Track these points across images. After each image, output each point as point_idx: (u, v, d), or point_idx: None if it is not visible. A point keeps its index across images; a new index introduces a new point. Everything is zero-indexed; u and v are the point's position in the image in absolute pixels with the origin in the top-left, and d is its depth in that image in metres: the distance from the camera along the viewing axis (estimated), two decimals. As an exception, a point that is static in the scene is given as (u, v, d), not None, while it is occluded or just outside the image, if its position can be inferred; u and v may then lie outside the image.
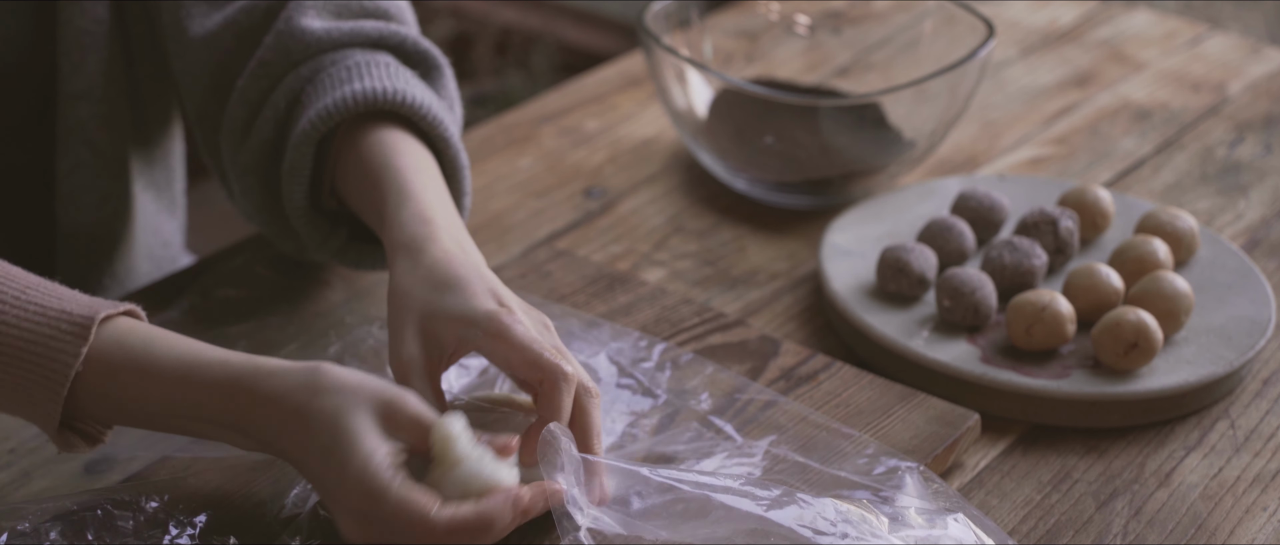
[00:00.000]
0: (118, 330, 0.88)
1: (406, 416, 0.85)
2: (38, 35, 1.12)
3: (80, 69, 1.12)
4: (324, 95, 1.03)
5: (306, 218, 1.06)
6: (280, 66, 1.06)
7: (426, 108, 1.03)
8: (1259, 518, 0.98)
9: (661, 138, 1.38)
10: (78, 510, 0.90)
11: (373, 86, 1.02)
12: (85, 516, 0.89)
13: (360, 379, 0.86)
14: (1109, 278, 1.10)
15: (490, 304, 0.91)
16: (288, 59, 1.06)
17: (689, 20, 1.35)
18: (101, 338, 0.87)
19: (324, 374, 0.86)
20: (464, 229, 0.98)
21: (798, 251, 1.23)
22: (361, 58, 1.05)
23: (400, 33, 1.08)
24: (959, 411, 1.02)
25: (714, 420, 1.00)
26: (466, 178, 1.06)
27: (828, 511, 0.88)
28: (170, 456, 0.96)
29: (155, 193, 1.26)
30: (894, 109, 1.25)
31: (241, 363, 0.87)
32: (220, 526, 0.90)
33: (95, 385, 0.87)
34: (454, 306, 0.91)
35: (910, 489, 0.93)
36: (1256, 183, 1.33)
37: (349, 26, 1.07)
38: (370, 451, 0.83)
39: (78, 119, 1.13)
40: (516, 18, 3.04)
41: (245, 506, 0.92)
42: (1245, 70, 1.50)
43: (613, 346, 1.05)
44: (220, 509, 0.91)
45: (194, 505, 0.91)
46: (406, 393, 0.86)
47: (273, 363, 0.87)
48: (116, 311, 0.88)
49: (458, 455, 0.85)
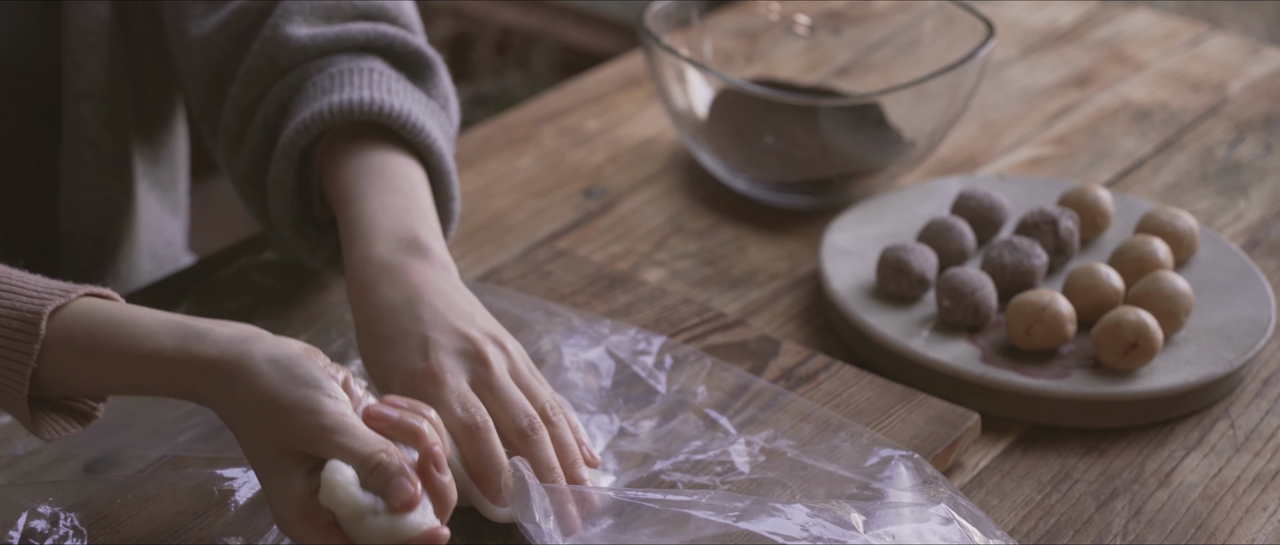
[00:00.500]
0: (65, 321, 0.86)
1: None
2: (43, 34, 1.12)
3: (83, 68, 1.12)
4: (305, 107, 1.03)
5: (295, 228, 1.06)
6: (267, 74, 1.06)
7: (406, 116, 1.03)
8: (1259, 518, 0.98)
9: (661, 138, 1.38)
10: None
11: (351, 97, 1.02)
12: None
13: (277, 391, 0.84)
14: (1109, 278, 1.10)
15: (415, 362, 0.92)
16: (274, 67, 1.06)
17: (689, 20, 1.35)
18: (54, 328, 0.85)
19: (251, 362, 0.84)
20: (422, 252, 0.97)
21: (798, 251, 1.23)
22: (347, 65, 1.05)
23: (388, 34, 1.08)
24: (959, 411, 1.02)
25: (711, 414, 1.00)
26: (453, 184, 1.06)
27: (798, 517, 0.88)
28: (173, 456, 0.96)
29: (159, 193, 1.26)
30: (894, 109, 1.25)
31: (174, 335, 0.86)
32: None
33: (56, 376, 0.86)
34: (387, 363, 0.93)
35: (901, 480, 0.93)
36: (1256, 183, 1.33)
37: (335, 31, 1.06)
38: (286, 491, 0.84)
39: (80, 118, 1.13)
40: (516, 18, 3.04)
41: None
42: (1245, 70, 1.50)
43: (612, 340, 1.05)
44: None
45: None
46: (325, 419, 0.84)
47: (206, 328, 0.86)
48: (67, 299, 0.86)
49: (350, 506, 0.83)
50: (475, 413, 0.90)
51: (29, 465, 0.97)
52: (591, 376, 1.03)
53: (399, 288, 0.95)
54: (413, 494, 0.83)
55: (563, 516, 0.89)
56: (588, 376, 1.03)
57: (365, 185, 1.00)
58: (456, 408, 0.90)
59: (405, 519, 0.83)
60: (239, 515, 0.92)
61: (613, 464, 0.96)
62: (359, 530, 0.83)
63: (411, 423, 0.85)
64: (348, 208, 1.00)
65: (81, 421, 0.90)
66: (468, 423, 0.90)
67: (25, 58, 1.12)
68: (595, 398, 1.01)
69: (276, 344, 0.85)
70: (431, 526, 0.83)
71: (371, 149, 1.02)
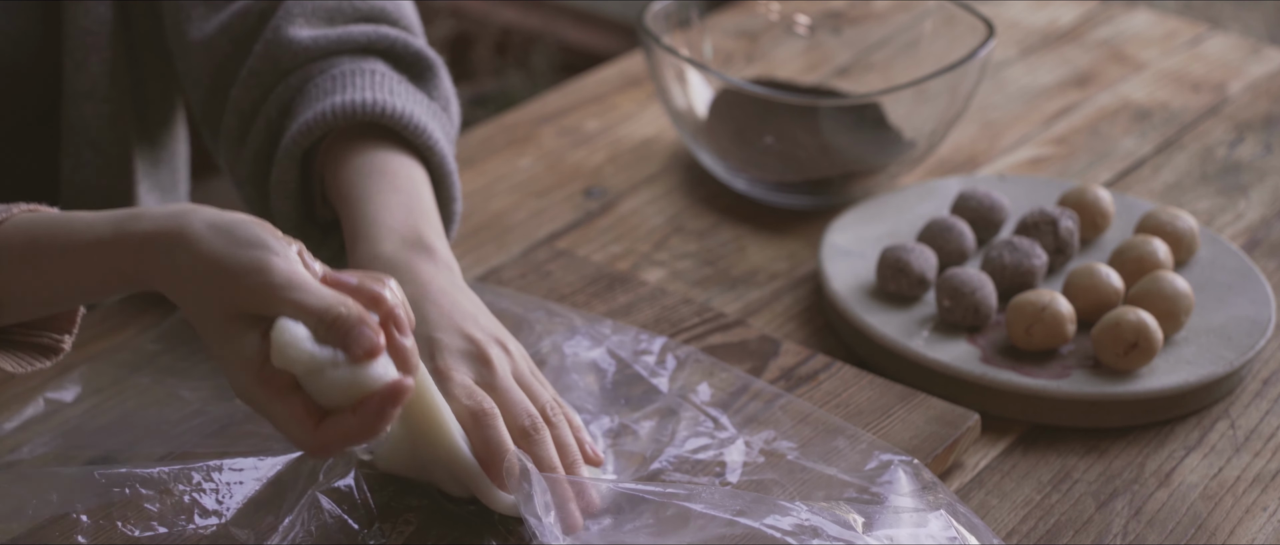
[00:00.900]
0: (4, 232, 0.85)
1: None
2: (44, 35, 1.12)
3: (83, 68, 1.12)
4: (307, 109, 1.03)
5: (298, 229, 1.06)
6: (270, 76, 1.07)
7: (408, 117, 1.03)
8: (1259, 518, 0.98)
9: (661, 138, 1.38)
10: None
11: (353, 99, 1.02)
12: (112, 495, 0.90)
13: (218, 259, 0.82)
14: (1109, 278, 1.10)
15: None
16: (276, 68, 1.06)
17: (689, 20, 1.35)
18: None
19: (187, 236, 0.83)
20: (427, 252, 0.98)
21: (798, 251, 1.23)
22: (349, 67, 1.06)
23: (390, 36, 1.08)
24: (959, 411, 1.02)
25: (712, 413, 1.00)
26: (455, 184, 1.06)
27: (798, 516, 0.88)
28: (175, 453, 0.96)
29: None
30: (894, 109, 1.25)
31: (110, 222, 0.85)
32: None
33: (3, 292, 0.85)
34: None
35: (900, 485, 0.93)
36: (1256, 183, 1.33)
37: (337, 33, 1.07)
38: (239, 355, 0.81)
39: (81, 118, 1.13)
40: (516, 18, 3.04)
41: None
42: (1245, 70, 1.50)
43: (613, 340, 1.05)
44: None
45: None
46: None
47: (142, 210, 0.85)
48: (6, 216, 0.86)
49: (306, 362, 0.80)
50: (481, 400, 0.91)
51: (30, 469, 0.97)
52: (592, 376, 1.03)
53: (405, 287, 0.95)
54: (375, 341, 0.80)
55: (564, 513, 0.89)
56: (589, 377, 1.03)
57: (369, 185, 1.01)
58: (463, 396, 0.91)
59: (368, 369, 0.80)
60: (243, 512, 0.92)
61: (613, 463, 0.96)
62: (320, 386, 0.80)
63: (372, 287, 0.83)
64: (351, 208, 1.00)
65: (47, 355, 0.89)
66: (474, 409, 0.90)
67: (26, 58, 1.12)
68: (596, 398, 1.01)
69: (217, 212, 0.83)
70: (395, 377, 0.81)
71: (374, 149, 1.03)
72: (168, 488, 0.92)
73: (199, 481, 0.93)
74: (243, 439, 0.97)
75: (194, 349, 1.05)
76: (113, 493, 0.92)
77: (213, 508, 0.92)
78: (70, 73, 1.12)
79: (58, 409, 1.01)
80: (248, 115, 1.07)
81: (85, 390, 1.02)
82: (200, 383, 1.03)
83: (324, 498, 0.90)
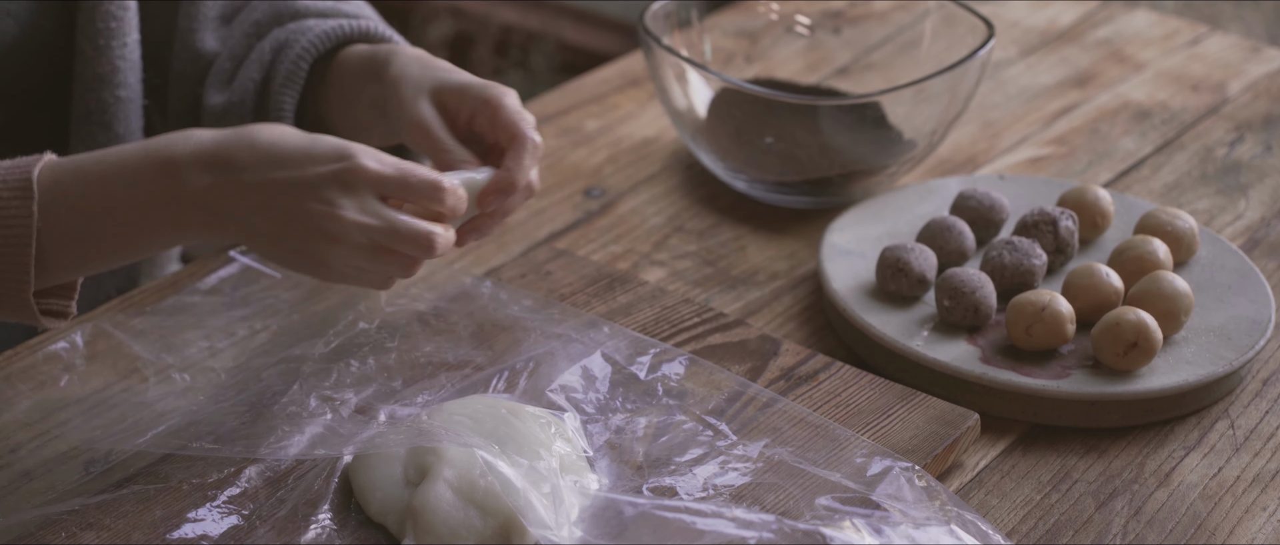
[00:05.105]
0: (47, 175, 0.92)
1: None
2: (59, 22, 1.13)
3: (105, 53, 1.13)
4: (318, 30, 1.11)
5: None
6: (269, 26, 1.14)
7: (392, 35, 1.14)
8: (1259, 518, 0.98)
9: (661, 138, 1.38)
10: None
11: (371, 26, 1.12)
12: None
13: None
14: (1109, 278, 1.10)
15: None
16: (277, 20, 1.14)
17: (689, 20, 1.35)
18: (43, 182, 0.91)
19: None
20: None
21: (798, 251, 1.23)
22: (348, 20, 1.14)
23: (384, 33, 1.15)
24: (959, 411, 1.02)
25: (711, 420, 1.00)
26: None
27: (797, 522, 0.89)
28: (174, 454, 0.96)
29: None
30: (894, 109, 1.25)
31: (148, 144, 0.93)
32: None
33: (53, 236, 0.91)
34: (458, 79, 1.03)
35: (900, 490, 0.93)
36: (1256, 183, 1.33)
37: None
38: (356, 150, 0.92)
39: (100, 103, 1.14)
40: (516, 18, 3.04)
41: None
42: (1245, 70, 1.50)
43: (609, 345, 1.05)
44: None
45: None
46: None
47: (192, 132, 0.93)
48: (41, 161, 0.92)
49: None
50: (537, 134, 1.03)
51: (28, 462, 0.97)
52: (589, 380, 1.03)
53: None
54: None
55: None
56: (585, 380, 1.03)
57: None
58: (525, 124, 1.01)
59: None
60: (247, 496, 0.92)
61: (609, 467, 0.96)
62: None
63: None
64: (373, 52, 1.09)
65: (58, 317, 0.95)
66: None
67: (37, 45, 1.13)
68: (593, 401, 1.01)
69: (268, 129, 0.93)
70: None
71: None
72: (159, 493, 0.92)
73: (195, 484, 0.93)
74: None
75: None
76: (107, 497, 0.92)
77: (205, 509, 0.92)
78: (90, 57, 1.13)
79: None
80: (240, 57, 1.14)
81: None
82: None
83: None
